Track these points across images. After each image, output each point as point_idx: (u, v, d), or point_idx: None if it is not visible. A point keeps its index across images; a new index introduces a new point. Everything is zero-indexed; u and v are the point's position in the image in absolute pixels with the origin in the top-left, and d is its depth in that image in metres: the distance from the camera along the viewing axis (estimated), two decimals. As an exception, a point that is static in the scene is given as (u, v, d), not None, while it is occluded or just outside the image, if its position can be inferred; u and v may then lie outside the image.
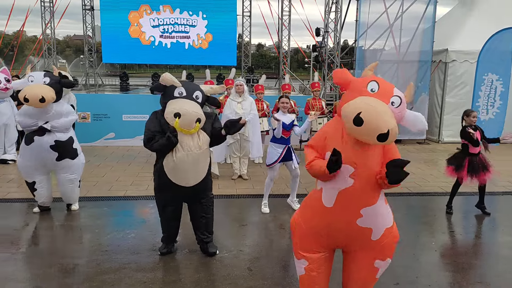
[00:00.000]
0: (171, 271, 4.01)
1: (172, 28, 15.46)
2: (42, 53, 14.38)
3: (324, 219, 2.86)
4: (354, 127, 2.47)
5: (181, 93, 3.85)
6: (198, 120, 3.76)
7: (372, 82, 2.68)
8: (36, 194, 5.35)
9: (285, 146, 5.53)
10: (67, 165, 5.26)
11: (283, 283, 3.79)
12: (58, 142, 5.09)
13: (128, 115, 9.82)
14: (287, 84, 8.86)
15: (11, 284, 3.70)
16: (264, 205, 5.69)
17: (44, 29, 14.11)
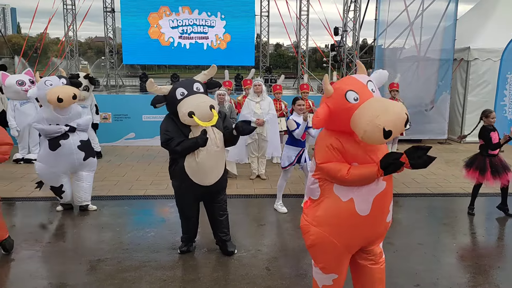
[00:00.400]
0: (190, 269, 4.06)
1: (191, 29, 15.62)
2: (65, 55, 14.71)
3: (358, 229, 2.79)
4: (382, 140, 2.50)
5: (182, 93, 3.87)
6: (211, 107, 3.77)
7: (348, 92, 2.63)
8: (64, 196, 5.48)
9: (301, 149, 5.53)
10: (90, 163, 5.47)
11: (301, 284, 3.79)
12: (83, 142, 5.30)
13: (148, 115, 9.94)
14: (306, 84, 8.83)
15: (36, 280, 3.80)
16: (280, 205, 5.69)
17: (67, 31, 14.43)
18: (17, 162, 8.09)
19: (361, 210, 2.72)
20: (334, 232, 2.80)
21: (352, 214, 2.73)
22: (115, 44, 16.74)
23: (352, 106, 2.60)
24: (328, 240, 2.81)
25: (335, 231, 2.79)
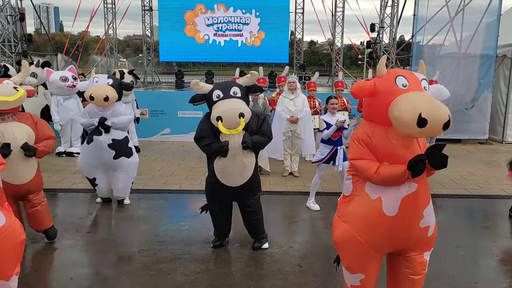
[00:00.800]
0: (223, 263, 4.12)
1: (225, 26, 15.75)
2: (105, 52, 15.19)
3: (385, 229, 2.71)
4: (417, 130, 2.37)
5: (218, 95, 3.84)
6: (241, 115, 3.71)
7: (399, 77, 2.60)
8: (97, 189, 5.69)
9: (332, 147, 5.48)
10: (123, 163, 5.48)
11: (333, 282, 3.77)
12: (115, 141, 5.34)
13: (183, 111, 10.14)
14: (340, 81, 8.75)
15: (77, 269, 3.98)
16: (313, 202, 5.68)
17: (107, 29, 14.89)
18: (60, 155, 8.44)
19: (388, 210, 2.65)
20: (360, 231, 2.75)
21: (379, 214, 2.68)
22: (152, 42, 17.13)
23: (398, 89, 2.56)
24: (354, 238, 2.77)
25: (362, 230, 2.75)
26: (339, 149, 5.49)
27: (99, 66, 16.11)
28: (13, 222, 2.88)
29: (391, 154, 2.65)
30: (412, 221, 2.70)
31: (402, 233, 2.74)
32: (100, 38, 18.35)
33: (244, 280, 3.80)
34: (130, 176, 5.65)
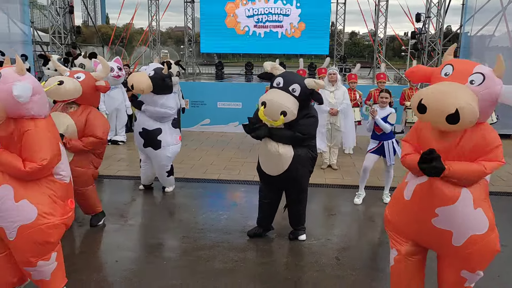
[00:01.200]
0: (261, 253, 4.18)
1: (266, 17, 15.69)
2: (148, 44, 15.56)
3: (403, 212, 2.85)
4: (420, 116, 2.43)
5: (278, 83, 3.84)
6: (283, 113, 3.67)
7: (446, 66, 2.55)
8: (141, 171, 5.90)
9: (378, 141, 5.38)
10: (150, 153, 5.59)
11: (372, 276, 3.74)
12: (144, 130, 5.46)
13: (223, 102, 10.25)
14: (382, 73, 8.53)
15: (122, 252, 4.15)
16: (357, 195, 5.61)
17: (150, 21, 15.22)
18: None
19: (406, 194, 2.80)
20: (389, 205, 3.05)
21: (400, 195, 2.86)
22: (193, 34, 17.36)
23: (439, 77, 2.54)
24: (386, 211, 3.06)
25: (389, 207, 3.04)
26: (386, 143, 5.37)
27: (143, 57, 16.54)
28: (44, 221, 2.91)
29: (424, 144, 2.66)
30: (423, 213, 2.68)
31: (414, 223, 2.77)
32: (144, 30, 18.81)
33: (281, 270, 3.84)
34: (162, 167, 5.69)
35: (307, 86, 3.85)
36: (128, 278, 3.63)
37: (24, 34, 11.33)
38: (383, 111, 5.32)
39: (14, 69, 2.82)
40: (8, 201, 2.82)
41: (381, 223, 4.99)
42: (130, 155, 7.87)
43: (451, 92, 2.35)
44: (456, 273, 2.75)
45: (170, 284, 3.54)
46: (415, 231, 2.81)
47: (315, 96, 3.96)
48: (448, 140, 2.57)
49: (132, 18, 15.90)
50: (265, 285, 3.57)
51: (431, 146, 2.55)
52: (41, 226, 2.90)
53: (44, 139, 2.87)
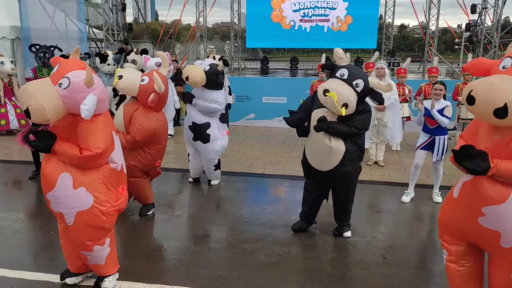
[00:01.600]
0: (305, 248, 4.18)
1: (312, 11, 15.53)
2: (195, 39, 15.87)
3: (452, 210, 2.80)
4: (468, 108, 2.37)
5: (342, 74, 3.77)
6: (345, 105, 3.64)
7: (506, 59, 2.44)
8: (189, 165, 6.06)
9: (430, 136, 5.21)
10: (199, 147, 5.72)
11: (420, 276, 3.65)
12: (194, 124, 5.60)
13: (268, 97, 10.28)
14: (434, 67, 8.21)
15: (170, 241, 4.30)
16: (406, 194, 5.47)
17: (198, 17, 15.51)
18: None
19: (455, 192, 2.76)
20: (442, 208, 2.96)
21: (451, 193, 2.82)
22: (239, 29, 17.51)
23: (497, 70, 2.45)
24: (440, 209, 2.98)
25: (442, 207, 2.96)
26: (437, 139, 5.18)
27: (190, 53, 16.90)
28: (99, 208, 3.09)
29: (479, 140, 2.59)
30: (471, 212, 2.59)
31: (462, 221, 2.70)
32: (191, 26, 19.19)
33: (326, 266, 3.83)
34: (209, 161, 5.80)
35: (369, 85, 3.83)
36: (176, 267, 3.76)
37: (80, 31, 11.91)
38: (438, 104, 5.12)
39: (82, 77, 2.90)
40: (67, 188, 3.01)
41: (430, 222, 4.85)
42: (178, 148, 8.09)
43: (502, 85, 2.25)
44: (505, 276, 2.63)
45: (216, 274, 3.62)
46: (464, 229, 2.73)
47: (376, 96, 3.91)
48: (499, 136, 2.45)
49: (180, 14, 16.23)
50: (310, 280, 3.57)
51: (482, 142, 2.48)
52: (96, 212, 3.09)
53: (99, 129, 3.02)
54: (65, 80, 2.86)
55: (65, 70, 2.91)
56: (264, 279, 3.56)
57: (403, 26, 59.75)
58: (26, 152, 7.81)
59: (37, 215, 4.93)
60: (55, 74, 2.94)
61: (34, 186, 6.02)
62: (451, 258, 2.86)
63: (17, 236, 4.33)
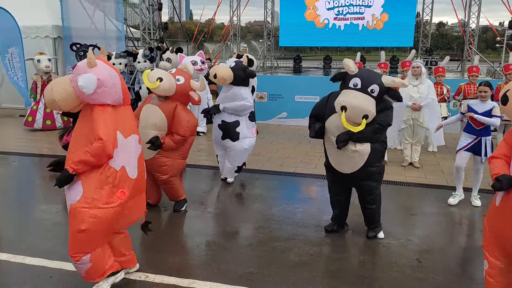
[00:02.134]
0: (337, 248, 4.12)
1: (346, 9, 15.31)
2: (229, 38, 15.97)
3: (494, 218, 2.70)
4: (502, 107, 2.34)
5: (355, 84, 3.74)
6: (365, 117, 3.62)
7: None
8: (220, 166, 6.10)
9: (475, 137, 5.02)
10: (228, 145, 5.74)
11: (457, 282, 3.52)
12: (223, 122, 5.66)
13: (300, 96, 10.22)
14: (475, 66, 7.90)
15: (201, 237, 4.35)
16: (453, 196, 5.31)
17: (231, 16, 15.61)
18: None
19: (498, 198, 2.69)
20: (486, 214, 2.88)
21: (494, 200, 2.74)
22: (272, 28, 17.49)
23: None
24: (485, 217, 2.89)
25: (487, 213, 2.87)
26: (483, 140, 4.99)
27: (223, 52, 17.04)
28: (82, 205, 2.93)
29: None
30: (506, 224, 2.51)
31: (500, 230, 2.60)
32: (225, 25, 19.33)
33: (358, 267, 3.77)
34: (235, 159, 5.80)
35: (385, 84, 3.77)
36: (207, 263, 3.80)
37: (118, 30, 12.24)
38: (483, 105, 4.95)
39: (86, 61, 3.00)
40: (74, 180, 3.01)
41: (468, 227, 4.68)
42: (210, 145, 8.13)
43: None
44: None
45: (247, 272, 3.63)
46: (505, 242, 2.60)
47: (392, 94, 3.84)
48: None
49: (214, 14, 16.41)
50: (341, 281, 3.52)
51: None
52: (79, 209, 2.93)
53: (101, 121, 2.94)
54: (75, 68, 3.05)
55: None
56: (295, 278, 3.54)
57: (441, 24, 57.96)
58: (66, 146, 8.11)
59: (75, 208, 5.11)
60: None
61: (72, 180, 6.24)
62: (490, 271, 2.75)
63: (57, 228, 4.49)
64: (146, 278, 3.52)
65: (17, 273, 3.63)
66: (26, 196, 5.54)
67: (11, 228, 4.56)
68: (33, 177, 6.59)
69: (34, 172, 6.85)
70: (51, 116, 9.33)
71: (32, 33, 11.21)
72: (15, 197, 5.49)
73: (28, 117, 9.32)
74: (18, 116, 10.67)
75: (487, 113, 4.89)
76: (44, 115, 9.28)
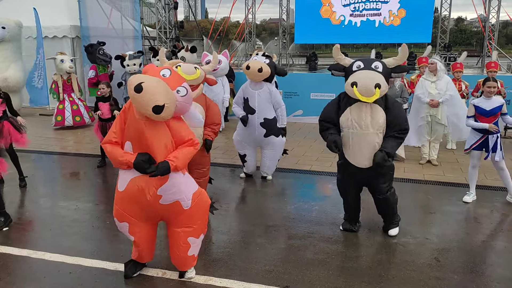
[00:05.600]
0: (353, 247, 4.09)
1: (363, 6, 15.15)
2: (244, 36, 15.98)
3: None
4: None
5: (359, 65, 3.85)
6: (377, 86, 3.65)
7: None
8: (245, 165, 6.14)
9: (482, 135, 4.94)
10: (271, 141, 5.83)
11: (476, 281, 3.46)
12: (266, 120, 5.72)
13: (316, 93, 10.17)
14: (494, 62, 7.73)
15: (218, 234, 4.38)
16: (467, 194, 5.23)
17: (247, 14, 15.61)
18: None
19: None
20: None
21: None
22: (288, 25, 17.44)
23: None
24: None
25: None
26: (491, 137, 4.92)
27: (238, 50, 17.06)
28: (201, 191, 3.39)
29: None
30: None
31: None
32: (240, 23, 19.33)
33: (374, 266, 3.73)
34: (277, 154, 5.96)
35: (387, 64, 3.89)
36: (224, 260, 3.81)
37: (135, 30, 12.37)
38: (489, 102, 4.86)
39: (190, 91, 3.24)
40: (178, 175, 3.18)
41: (488, 225, 4.60)
42: (226, 144, 8.19)
43: None
44: None
45: (263, 269, 3.64)
46: None
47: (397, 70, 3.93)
48: None
49: (230, 12, 16.42)
50: (358, 279, 3.49)
51: None
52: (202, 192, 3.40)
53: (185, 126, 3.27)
54: (183, 89, 3.13)
55: (180, 80, 3.19)
56: (311, 276, 3.53)
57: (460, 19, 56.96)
58: (82, 145, 8.26)
59: (94, 205, 5.19)
60: (170, 79, 3.08)
61: (90, 177, 6.35)
62: None
63: (75, 225, 4.58)
64: (163, 275, 3.56)
65: (37, 268, 3.71)
66: (46, 193, 5.65)
67: (32, 224, 4.66)
68: (53, 174, 6.72)
69: (54, 169, 6.99)
70: (79, 112, 9.58)
71: (50, 33, 11.42)
72: (36, 194, 5.61)
73: (57, 117, 9.50)
74: (38, 115, 10.89)
75: (495, 110, 4.82)
76: (72, 112, 9.51)
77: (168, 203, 3.20)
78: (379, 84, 3.66)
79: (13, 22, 10.08)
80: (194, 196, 3.29)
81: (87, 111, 9.68)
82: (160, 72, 3.11)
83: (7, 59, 9.96)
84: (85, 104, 9.81)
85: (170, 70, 3.17)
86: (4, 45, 9.93)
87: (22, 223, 4.64)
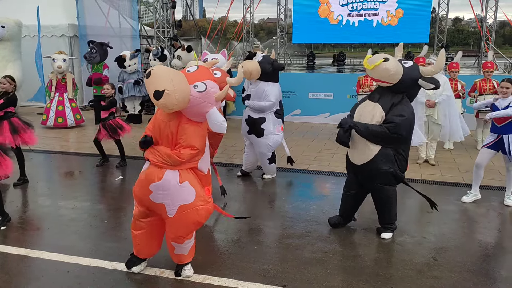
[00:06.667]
0: (350, 246, 4.11)
1: (361, 5, 15.17)
2: (242, 36, 15.97)
3: None
4: None
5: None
6: (385, 59, 3.76)
7: None
8: (244, 157, 6.16)
9: (497, 135, 4.93)
10: (254, 140, 5.84)
11: (473, 280, 3.47)
12: (249, 118, 5.76)
13: (314, 93, 10.17)
14: (490, 62, 7.75)
15: (216, 234, 4.39)
16: (468, 194, 5.24)
17: (245, 13, 15.61)
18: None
19: None
20: None
21: None
22: (286, 25, 17.44)
23: None
24: None
25: None
26: (505, 137, 4.87)
27: (236, 49, 17.05)
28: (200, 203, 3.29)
29: None
30: None
31: None
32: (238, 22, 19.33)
33: (372, 265, 3.74)
34: (263, 154, 5.89)
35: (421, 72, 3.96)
36: (222, 259, 3.82)
37: (133, 29, 12.34)
38: (503, 101, 4.88)
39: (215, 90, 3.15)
40: (173, 181, 3.19)
41: (485, 224, 4.62)
42: (223, 143, 8.14)
43: None
44: None
45: (261, 268, 3.65)
46: None
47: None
48: None
49: (227, 11, 16.41)
50: (355, 278, 3.51)
51: None
52: (197, 207, 3.28)
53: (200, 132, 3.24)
54: (202, 85, 3.05)
55: (203, 76, 3.12)
56: (309, 275, 3.54)
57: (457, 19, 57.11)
58: (81, 144, 8.23)
59: (92, 204, 5.18)
60: (192, 75, 3.09)
61: (88, 176, 6.34)
62: None
63: (73, 224, 4.57)
64: (161, 274, 3.56)
65: (35, 267, 3.70)
66: (44, 193, 5.64)
67: (30, 224, 4.65)
68: (50, 173, 6.71)
69: (52, 168, 6.97)
70: (63, 114, 9.43)
71: (48, 32, 11.38)
72: (34, 193, 5.60)
73: (43, 115, 9.47)
74: (36, 114, 10.86)
75: (504, 109, 4.81)
76: (56, 112, 9.39)
77: (155, 201, 3.27)
78: (387, 58, 3.79)
79: (13, 21, 10.01)
80: (181, 208, 3.23)
81: (73, 113, 9.54)
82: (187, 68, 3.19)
83: (5, 58, 9.89)
84: (74, 106, 9.63)
85: (198, 67, 3.19)
86: (3, 44, 9.87)
87: (20, 222, 4.63)
